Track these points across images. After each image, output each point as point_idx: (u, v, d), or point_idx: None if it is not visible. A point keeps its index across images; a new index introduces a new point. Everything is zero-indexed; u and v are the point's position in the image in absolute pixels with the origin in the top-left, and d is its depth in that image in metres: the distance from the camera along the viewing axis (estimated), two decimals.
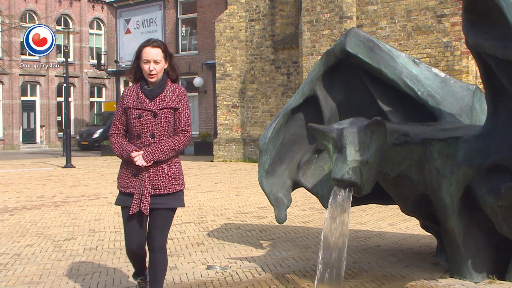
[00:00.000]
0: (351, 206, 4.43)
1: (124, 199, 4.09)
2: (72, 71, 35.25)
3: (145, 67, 4.04)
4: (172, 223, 4.25)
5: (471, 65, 13.29)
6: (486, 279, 4.87)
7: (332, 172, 4.36)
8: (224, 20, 20.48)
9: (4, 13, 32.59)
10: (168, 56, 4.11)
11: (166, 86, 4.10)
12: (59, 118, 35.64)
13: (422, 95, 5.15)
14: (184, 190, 4.23)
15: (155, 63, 4.03)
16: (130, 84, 4.26)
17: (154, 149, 4.00)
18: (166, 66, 4.12)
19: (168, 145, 4.03)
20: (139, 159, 3.97)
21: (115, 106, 26.18)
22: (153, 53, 4.03)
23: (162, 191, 4.04)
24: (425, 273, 5.21)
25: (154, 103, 4.03)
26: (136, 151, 4.00)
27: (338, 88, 5.57)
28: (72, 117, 35.54)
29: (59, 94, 35.45)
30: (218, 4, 24.77)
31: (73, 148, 26.66)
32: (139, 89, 4.10)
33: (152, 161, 3.99)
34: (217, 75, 20.66)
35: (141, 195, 4.00)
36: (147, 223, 4.12)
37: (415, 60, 5.40)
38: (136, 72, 4.12)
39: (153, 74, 4.02)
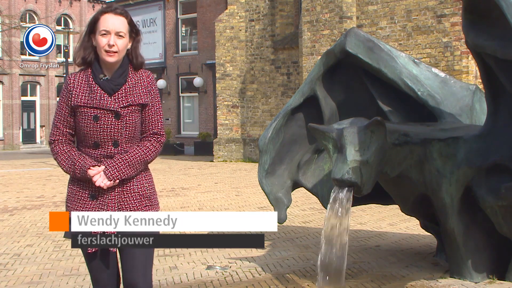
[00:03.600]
0: (351, 206, 4.43)
1: None
2: (72, 71, 35.20)
3: (102, 41, 2.91)
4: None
5: (471, 65, 13.29)
6: (486, 279, 4.87)
7: (332, 172, 4.36)
8: (224, 20, 20.48)
9: (4, 13, 32.59)
10: (133, 31, 3.02)
11: (129, 73, 3.01)
12: None
13: (422, 95, 5.15)
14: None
15: (117, 36, 2.92)
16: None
17: (119, 162, 2.94)
18: (129, 46, 3.02)
19: (138, 156, 2.98)
20: (99, 178, 2.90)
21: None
22: (116, 23, 2.92)
23: None
24: (425, 273, 5.21)
25: (115, 99, 2.94)
26: (93, 166, 2.93)
27: (338, 88, 5.57)
28: None
29: (59, 94, 35.42)
30: (218, 4, 24.77)
31: None
32: (91, 79, 2.96)
33: (118, 180, 2.94)
34: (217, 75, 20.67)
35: None
36: (116, 256, 3.10)
37: (415, 60, 5.40)
38: (87, 52, 2.98)
39: (113, 52, 2.91)
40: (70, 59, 32.80)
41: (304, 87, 5.58)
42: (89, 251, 2.97)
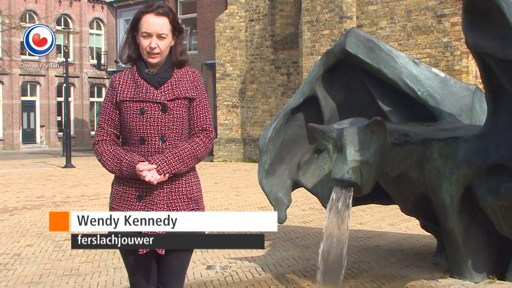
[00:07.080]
0: (351, 206, 4.43)
1: None
2: (72, 71, 35.25)
3: (144, 43, 2.88)
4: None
5: (471, 65, 13.30)
6: (486, 279, 4.87)
7: (332, 172, 4.36)
8: (224, 20, 20.49)
9: (4, 13, 32.60)
10: (177, 30, 2.95)
11: (174, 69, 2.97)
12: (59, 118, 35.66)
13: (422, 95, 5.15)
14: None
15: (159, 38, 2.87)
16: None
17: (169, 156, 2.82)
18: (172, 43, 2.97)
19: (188, 150, 2.86)
20: (149, 172, 2.78)
21: None
22: (157, 24, 2.86)
23: None
24: (425, 273, 5.21)
25: (161, 92, 2.88)
26: (141, 161, 2.81)
27: (338, 88, 5.57)
28: (72, 117, 35.53)
29: (59, 94, 35.47)
30: (218, 4, 24.77)
31: (73, 148, 26.65)
32: (136, 74, 2.92)
33: (169, 174, 2.82)
34: (217, 75, 20.67)
35: None
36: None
37: (415, 60, 5.40)
38: (131, 50, 2.96)
39: (154, 54, 2.88)
40: (70, 59, 32.84)
41: (304, 87, 5.58)
42: (140, 252, 2.81)
